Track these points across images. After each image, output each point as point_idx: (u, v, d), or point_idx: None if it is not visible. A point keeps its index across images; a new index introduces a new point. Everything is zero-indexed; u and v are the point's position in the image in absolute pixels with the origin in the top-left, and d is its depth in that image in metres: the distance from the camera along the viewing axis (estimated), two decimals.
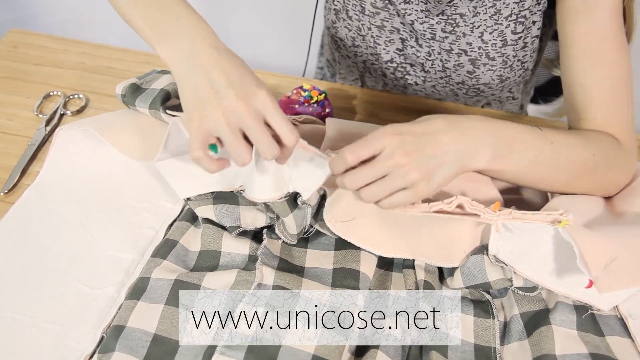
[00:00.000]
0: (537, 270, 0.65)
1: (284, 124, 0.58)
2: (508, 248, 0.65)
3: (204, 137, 0.58)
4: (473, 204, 0.63)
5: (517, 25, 0.82)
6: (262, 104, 0.58)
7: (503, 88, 0.93)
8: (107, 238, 0.72)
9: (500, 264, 0.66)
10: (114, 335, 0.60)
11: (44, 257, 0.69)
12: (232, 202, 0.71)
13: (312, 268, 0.69)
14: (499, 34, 0.83)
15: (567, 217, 0.61)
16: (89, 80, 0.97)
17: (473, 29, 0.83)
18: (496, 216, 0.64)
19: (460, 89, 0.94)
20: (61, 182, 0.77)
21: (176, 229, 0.71)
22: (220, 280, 0.65)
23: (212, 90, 0.58)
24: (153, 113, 0.75)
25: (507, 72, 0.89)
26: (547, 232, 0.64)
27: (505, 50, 0.85)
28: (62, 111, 0.90)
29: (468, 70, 0.89)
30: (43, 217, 0.73)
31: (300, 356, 0.57)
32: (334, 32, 0.98)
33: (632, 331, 0.64)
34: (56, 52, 1.02)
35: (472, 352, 0.62)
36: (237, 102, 0.57)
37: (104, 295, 0.66)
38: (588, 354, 0.59)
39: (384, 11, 0.88)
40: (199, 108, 0.58)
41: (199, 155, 0.59)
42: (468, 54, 0.87)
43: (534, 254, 0.65)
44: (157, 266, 0.66)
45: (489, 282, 0.66)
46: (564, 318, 0.63)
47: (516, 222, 0.63)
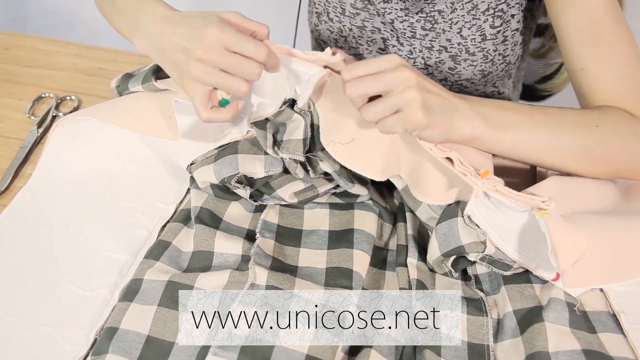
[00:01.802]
0: (507, 243, 0.65)
1: (245, 46, 0.61)
2: (483, 214, 0.65)
3: (202, 97, 0.63)
4: (464, 163, 0.64)
5: (495, 19, 0.82)
6: (214, 41, 0.60)
7: (486, 83, 0.93)
8: (101, 239, 0.72)
9: (473, 225, 0.66)
10: (107, 337, 0.60)
11: (38, 259, 0.69)
12: (230, 153, 0.72)
13: (305, 267, 0.69)
14: (477, 29, 0.83)
15: (548, 207, 0.61)
16: (81, 81, 0.97)
17: (452, 25, 0.83)
18: (481, 183, 0.63)
19: (443, 85, 0.94)
20: (54, 184, 0.77)
21: (169, 230, 0.71)
22: (213, 281, 0.65)
23: (179, 58, 0.63)
24: (147, 87, 0.77)
25: (488, 67, 0.89)
26: (524, 215, 0.64)
27: (485, 44, 0.85)
28: (55, 113, 0.90)
29: (449, 67, 0.89)
30: (36, 219, 0.73)
31: (293, 356, 0.57)
32: (317, 35, 0.98)
33: (624, 327, 0.64)
34: (48, 53, 1.02)
35: (465, 350, 0.62)
36: (197, 54, 0.61)
37: (98, 296, 0.66)
38: (581, 351, 0.59)
39: (363, 11, 0.88)
40: (182, 79, 0.64)
41: (208, 115, 0.64)
42: (448, 50, 0.87)
43: (507, 227, 0.65)
44: (150, 267, 0.66)
45: (462, 245, 0.65)
46: (557, 315, 0.63)
47: (498, 196, 0.63)
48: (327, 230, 0.73)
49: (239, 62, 0.61)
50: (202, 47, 0.60)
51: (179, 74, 0.64)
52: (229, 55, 0.61)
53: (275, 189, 0.74)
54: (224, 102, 0.65)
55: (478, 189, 0.64)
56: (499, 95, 1.01)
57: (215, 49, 0.60)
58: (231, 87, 0.62)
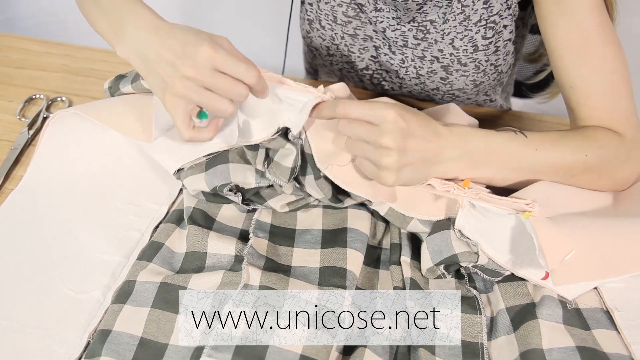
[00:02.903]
0: (498, 252, 0.66)
1: (235, 68, 0.61)
2: (473, 225, 0.66)
3: (184, 115, 0.63)
4: (443, 183, 0.65)
5: (487, 31, 0.81)
6: (206, 60, 0.60)
7: (478, 92, 0.93)
8: (93, 241, 0.71)
9: (465, 239, 0.66)
10: (100, 340, 0.59)
11: (29, 261, 0.69)
12: (221, 162, 0.72)
13: (298, 267, 0.69)
14: (469, 40, 0.83)
15: (532, 209, 0.62)
16: (72, 82, 0.96)
17: (444, 36, 0.83)
18: (463, 193, 0.65)
19: (435, 94, 0.95)
20: (46, 185, 0.77)
21: (162, 231, 0.71)
22: (207, 281, 0.65)
23: (165, 72, 0.62)
24: (135, 86, 0.77)
25: (480, 77, 0.89)
26: (511, 218, 0.64)
27: (477, 55, 0.85)
28: (45, 114, 0.89)
29: (441, 77, 0.89)
30: (28, 221, 0.73)
31: (288, 356, 0.57)
32: (309, 41, 0.98)
33: (618, 324, 0.64)
34: (38, 54, 1.01)
35: (459, 348, 0.62)
36: (186, 71, 0.60)
37: (91, 299, 0.65)
38: (575, 347, 0.60)
39: (355, 20, 0.88)
40: (164, 92, 0.63)
41: (190, 135, 0.64)
42: (440, 60, 0.87)
43: (497, 235, 0.66)
44: (143, 269, 0.66)
45: (456, 254, 0.66)
46: (550, 312, 0.63)
47: (482, 203, 0.64)
48: (321, 229, 0.73)
49: (227, 84, 0.61)
50: (192, 65, 0.60)
51: (161, 87, 0.63)
52: (218, 76, 0.60)
53: (267, 199, 0.74)
54: (203, 115, 0.64)
55: (462, 199, 0.65)
56: (491, 102, 1.01)
57: (205, 68, 0.60)
58: (216, 108, 0.62)
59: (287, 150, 0.68)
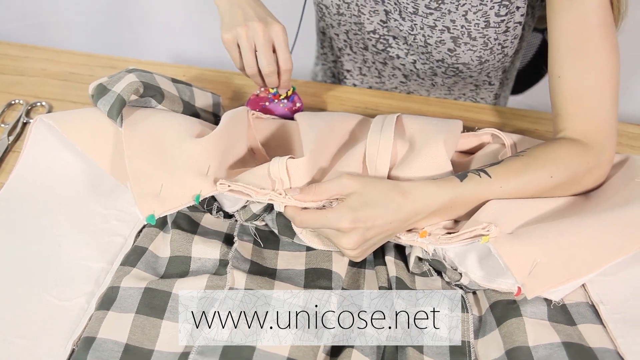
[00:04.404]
0: (475, 273, 0.67)
1: (284, 51, 0.80)
2: (453, 256, 0.67)
3: (232, 38, 0.79)
4: (407, 234, 0.67)
5: (501, 8, 0.82)
6: (275, 34, 0.79)
7: (481, 71, 0.94)
8: (76, 247, 0.71)
9: (447, 263, 0.68)
10: (85, 348, 0.59)
11: (11, 269, 0.68)
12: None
13: (284, 270, 0.69)
14: (482, 15, 0.83)
15: (488, 232, 0.62)
16: (52, 87, 0.95)
17: (458, 7, 0.83)
18: (426, 241, 0.66)
19: (439, 67, 0.95)
20: (27, 192, 0.76)
21: (145, 235, 0.70)
22: (191, 286, 0.64)
23: (243, 18, 0.79)
24: (111, 120, 0.73)
25: (486, 55, 0.89)
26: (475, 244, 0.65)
27: (487, 31, 0.85)
28: (25, 120, 0.88)
29: (449, 48, 0.89)
30: (9, 229, 0.72)
31: (274, 358, 0.57)
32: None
33: (603, 317, 0.64)
34: (17, 59, 1.00)
35: (446, 347, 0.62)
36: (257, 25, 0.78)
37: (74, 306, 0.65)
38: (560, 343, 0.60)
39: None
40: (231, 28, 0.79)
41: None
42: (450, 31, 0.87)
43: (470, 259, 0.66)
44: (127, 274, 0.65)
45: (443, 262, 0.67)
46: (535, 310, 0.63)
47: (443, 245, 0.65)
48: None
49: (268, 53, 0.79)
50: (264, 25, 0.78)
51: (230, 24, 0.79)
52: (269, 45, 0.79)
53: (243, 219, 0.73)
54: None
55: (426, 246, 0.66)
56: (490, 85, 1.01)
57: (267, 37, 0.78)
58: (247, 59, 0.80)
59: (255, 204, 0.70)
